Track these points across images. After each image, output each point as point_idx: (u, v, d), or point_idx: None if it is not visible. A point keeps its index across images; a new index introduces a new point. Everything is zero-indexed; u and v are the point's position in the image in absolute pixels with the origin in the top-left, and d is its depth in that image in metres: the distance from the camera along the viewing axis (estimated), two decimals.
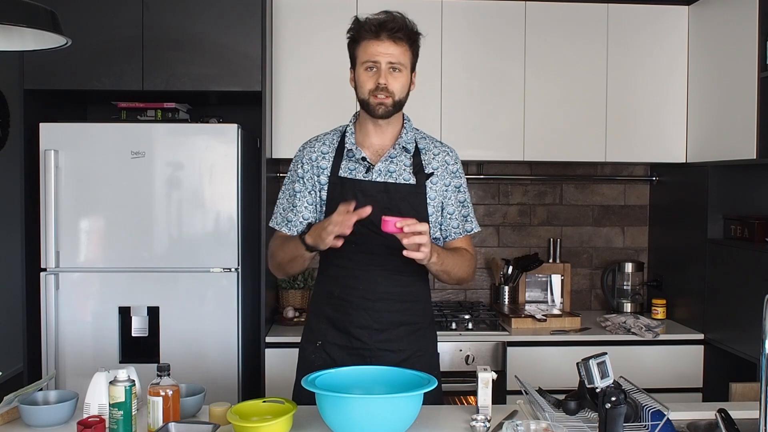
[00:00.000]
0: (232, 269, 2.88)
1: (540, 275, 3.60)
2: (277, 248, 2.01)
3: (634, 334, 3.11)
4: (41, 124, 2.83)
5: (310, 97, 3.17)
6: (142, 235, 2.85)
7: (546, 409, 1.73)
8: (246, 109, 3.25)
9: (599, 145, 3.30)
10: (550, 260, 3.62)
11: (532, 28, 3.26)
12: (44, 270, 2.83)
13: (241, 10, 2.94)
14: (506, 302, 3.54)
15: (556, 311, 3.43)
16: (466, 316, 3.19)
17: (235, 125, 2.87)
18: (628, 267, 3.56)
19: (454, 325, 3.13)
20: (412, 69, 1.97)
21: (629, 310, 3.51)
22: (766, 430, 1.49)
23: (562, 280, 3.58)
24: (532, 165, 3.66)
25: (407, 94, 1.96)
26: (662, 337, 3.12)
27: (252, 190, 3.07)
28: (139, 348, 2.87)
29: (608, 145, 3.30)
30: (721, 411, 1.69)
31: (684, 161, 3.31)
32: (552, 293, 3.60)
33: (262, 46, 2.95)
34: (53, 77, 2.92)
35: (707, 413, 1.80)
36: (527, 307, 3.49)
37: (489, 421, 1.74)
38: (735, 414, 1.69)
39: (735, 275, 2.92)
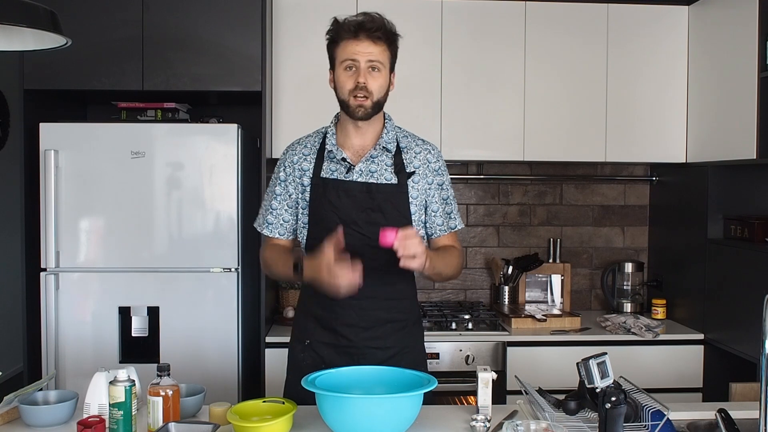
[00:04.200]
0: (232, 269, 2.88)
1: (540, 275, 3.60)
2: (272, 263, 2.03)
3: (634, 334, 3.11)
4: (41, 124, 2.83)
5: (310, 97, 3.17)
6: (142, 235, 2.85)
7: (546, 409, 1.73)
8: (246, 109, 3.25)
9: (599, 145, 3.30)
10: (550, 260, 3.62)
11: (532, 27, 3.26)
12: (44, 270, 2.83)
13: (241, 10, 2.94)
14: (506, 302, 3.54)
15: (556, 311, 3.43)
16: (466, 316, 3.19)
17: (235, 125, 2.87)
18: (628, 267, 3.56)
19: (454, 325, 3.13)
20: (391, 69, 1.97)
21: (629, 310, 3.51)
22: (766, 430, 1.49)
23: (562, 280, 3.58)
24: (532, 165, 3.66)
25: (386, 95, 1.97)
26: (662, 337, 3.12)
27: (252, 190, 3.07)
28: (139, 348, 2.87)
29: (608, 145, 3.30)
30: (721, 411, 1.69)
31: (684, 161, 3.31)
32: (552, 293, 3.60)
33: (262, 46, 2.95)
34: (53, 77, 2.92)
35: (707, 413, 1.80)
36: (527, 307, 3.49)
37: (489, 421, 1.75)
38: (735, 414, 1.69)
39: (735, 275, 2.91)
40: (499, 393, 2.89)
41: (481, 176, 3.65)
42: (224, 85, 2.96)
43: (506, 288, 3.55)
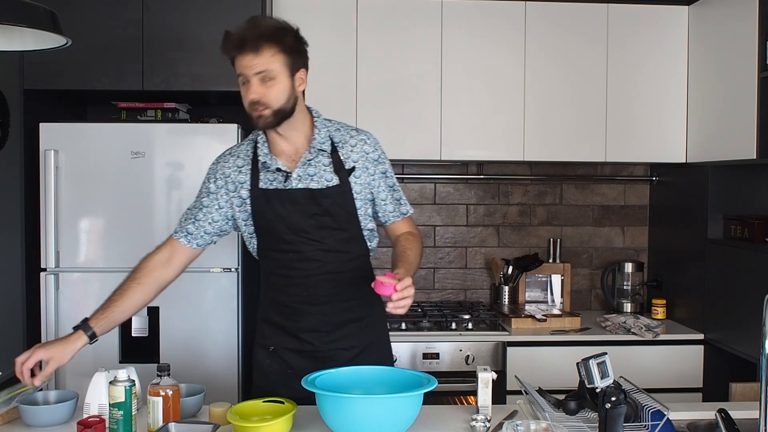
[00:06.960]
0: (232, 269, 2.88)
1: (540, 275, 3.60)
2: (128, 278, 2.09)
3: (634, 334, 3.11)
4: (41, 124, 2.83)
5: (309, 97, 3.14)
6: (142, 235, 2.85)
7: (546, 409, 1.73)
8: None
9: (599, 145, 3.30)
10: (550, 260, 3.62)
11: (532, 27, 3.26)
12: (44, 270, 2.83)
13: (241, 10, 2.94)
14: (506, 302, 3.54)
15: (556, 311, 3.44)
16: (466, 316, 3.19)
17: (235, 125, 2.87)
18: (628, 267, 3.56)
19: (454, 325, 3.13)
20: (295, 68, 1.88)
21: (629, 310, 3.51)
22: (766, 430, 1.49)
23: (562, 280, 3.58)
24: (532, 165, 3.66)
25: (291, 98, 1.87)
26: (662, 337, 3.12)
27: None
28: (139, 348, 2.87)
29: (608, 145, 3.30)
30: (721, 411, 1.69)
31: (684, 161, 3.31)
32: (552, 293, 3.60)
33: None
34: (53, 77, 2.92)
35: (707, 413, 1.80)
36: (527, 307, 3.49)
37: (489, 421, 1.75)
38: (735, 414, 1.69)
39: (735, 275, 2.91)
40: (499, 393, 2.89)
41: (481, 176, 3.65)
42: (224, 85, 2.96)
43: (506, 288, 3.55)
